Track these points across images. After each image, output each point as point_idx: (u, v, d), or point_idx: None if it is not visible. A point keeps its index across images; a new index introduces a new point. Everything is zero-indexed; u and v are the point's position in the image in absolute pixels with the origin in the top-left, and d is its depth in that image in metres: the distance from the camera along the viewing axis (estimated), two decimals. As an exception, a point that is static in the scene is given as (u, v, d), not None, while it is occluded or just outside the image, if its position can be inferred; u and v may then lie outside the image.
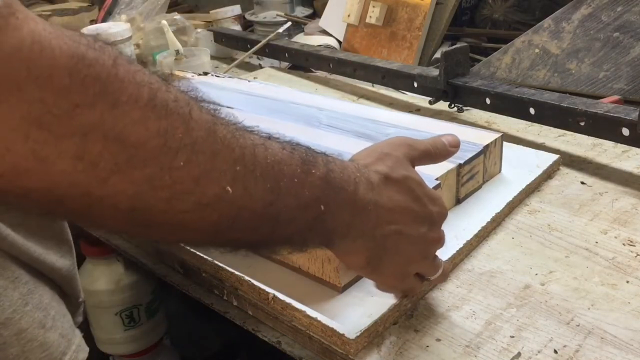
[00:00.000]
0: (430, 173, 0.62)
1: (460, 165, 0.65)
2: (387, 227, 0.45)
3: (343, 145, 0.70)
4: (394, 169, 0.46)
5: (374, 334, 0.50)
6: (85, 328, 0.55)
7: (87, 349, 0.49)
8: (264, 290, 0.55)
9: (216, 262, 0.59)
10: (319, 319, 0.50)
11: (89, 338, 0.62)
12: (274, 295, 0.54)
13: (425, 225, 0.47)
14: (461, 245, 0.59)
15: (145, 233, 0.37)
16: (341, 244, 0.44)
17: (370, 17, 1.26)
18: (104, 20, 1.51)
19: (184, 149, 0.33)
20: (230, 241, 0.40)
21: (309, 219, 0.41)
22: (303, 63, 1.20)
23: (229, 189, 0.35)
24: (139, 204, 0.33)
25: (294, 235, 0.41)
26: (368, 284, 0.54)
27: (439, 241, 0.50)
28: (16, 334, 0.42)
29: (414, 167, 0.49)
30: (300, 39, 1.37)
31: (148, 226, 0.35)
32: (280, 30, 1.31)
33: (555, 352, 0.48)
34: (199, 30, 1.44)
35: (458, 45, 0.96)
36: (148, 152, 0.32)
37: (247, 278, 0.56)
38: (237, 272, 0.57)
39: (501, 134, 0.71)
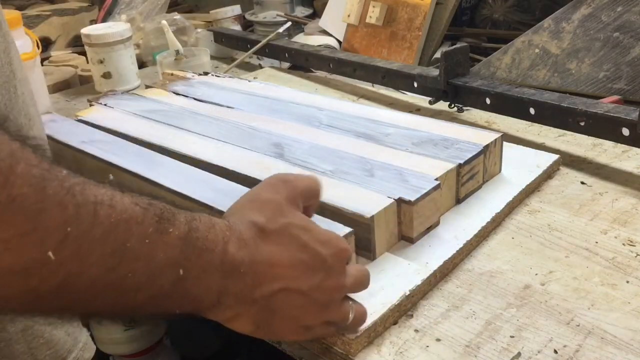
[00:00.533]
0: (430, 173, 0.62)
1: (460, 165, 0.65)
2: (270, 286, 0.41)
3: (343, 145, 0.70)
4: (271, 219, 0.42)
5: (374, 334, 0.50)
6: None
7: (93, 347, 0.49)
8: (264, 290, 0.54)
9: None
10: (319, 319, 0.50)
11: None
12: (274, 295, 0.54)
13: (318, 274, 0.42)
14: (461, 245, 0.59)
15: None
16: (216, 312, 0.40)
17: (370, 17, 1.26)
18: (104, 20, 1.51)
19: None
20: (60, 310, 0.34)
21: (164, 285, 0.35)
22: (303, 63, 1.20)
23: (51, 255, 0.30)
24: None
25: (147, 305, 0.36)
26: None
27: (340, 288, 0.44)
28: (22, 330, 0.42)
29: (299, 208, 0.45)
30: (300, 39, 1.37)
31: None
32: (280, 30, 1.31)
33: (555, 352, 0.48)
34: (199, 30, 1.44)
35: (458, 45, 0.96)
36: None
37: (247, 278, 0.56)
38: (237, 272, 0.57)
39: (501, 134, 0.71)
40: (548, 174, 0.74)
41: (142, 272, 0.34)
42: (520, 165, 0.74)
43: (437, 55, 1.19)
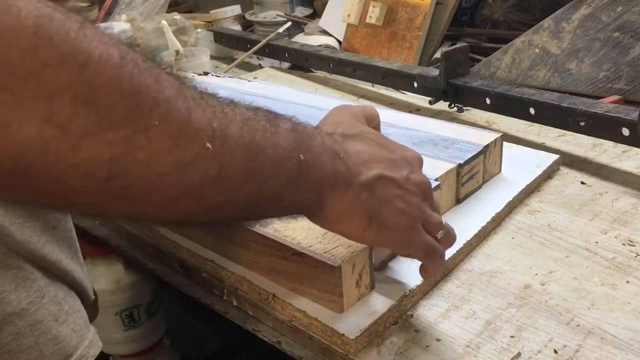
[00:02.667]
0: (430, 173, 0.62)
1: (460, 165, 0.65)
2: (367, 173, 0.44)
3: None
4: (348, 129, 0.47)
5: (374, 334, 0.50)
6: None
7: (100, 344, 0.49)
8: (264, 290, 0.55)
9: (216, 262, 0.59)
10: (319, 319, 0.50)
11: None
12: (274, 295, 0.54)
13: (404, 168, 0.46)
14: (461, 245, 0.59)
15: (125, 208, 0.34)
16: (332, 200, 0.42)
17: (370, 17, 1.26)
18: (104, 20, 1.51)
19: (157, 107, 0.32)
20: (215, 208, 0.37)
21: (292, 170, 0.40)
22: (303, 63, 1.20)
23: (209, 146, 0.34)
24: (117, 169, 0.31)
25: (282, 192, 0.40)
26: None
27: (427, 184, 0.48)
28: (31, 325, 0.42)
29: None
30: (300, 39, 1.37)
31: (128, 197, 0.33)
32: (280, 30, 1.31)
33: (555, 352, 0.48)
34: (199, 30, 1.44)
35: (458, 45, 0.96)
36: (121, 113, 0.30)
37: (247, 278, 0.56)
38: (237, 272, 0.57)
39: (501, 134, 0.71)
40: (548, 174, 0.74)
41: (274, 159, 0.38)
42: (520, 165, 0.74)
43: (437, 55, 1.19)
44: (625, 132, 0.70)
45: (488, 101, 0.85)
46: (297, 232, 0.54)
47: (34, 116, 0.28)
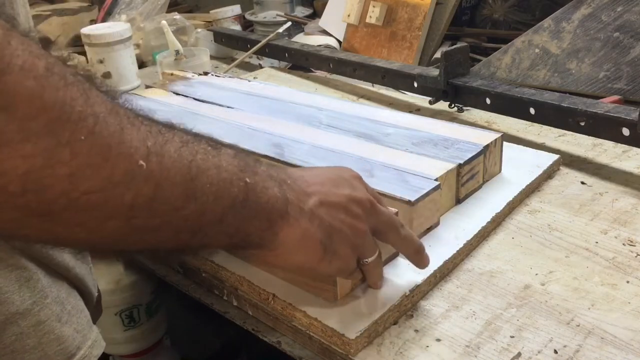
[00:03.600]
0: (430, 173, 0.62)
1: (460, 165, 0.65)
2: (313, 199, 0.44)
3: (343, 145, 0.70)
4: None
5: (374, 334, 0.50)
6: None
7: (103, 344, 0.49)
8: (264, 290, 0.55)
9: (216, 262, 0.59)
10: (319, 319, 0.50)
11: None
12: (274, 295, 0.54)
13: (345, 188, 0.46)
14: (461, 245, 0.59)
15: (45, 228, 0.32)
16: (286, 228, 0.42)
17: (370, 17, 1.26)
18: (104, 20, 1.51)
19: (84, 121, 0.31)
20: (150, 231, 0.35)
21: (237, 193, 0.38)
22: (303, 63, 1.20)
23: (142, 163, 0.33)
24: (32, 184, 0.29)
25: (226, 216, 0.38)
26: (368, 285, 0.54)
27: (369, 200, 0.47)
28: (34, 325, 0.42)
29: None
30: (300, 39, 1.37)
31: (46, 215, 0.31)
32: (280, 30, 1.31)
33: (556, 352, 0.48)
34: (199, 30, 1.44)
35: (458, 45, 0.96)
36: (42, 124, 0.29)
37: (247, 278, 0.56)
38: (237, 272, 0.57)
39: (501, 134, 0.71)
40: (548, 174, 0.74)
41: (217, 180, 0.37)
42: (520, 165, 0.74)
43: (437, 55, 1.19)
44: (625, 132, 0.70)
45: (488, 101, 0.85)
46: None
47: None
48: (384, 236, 0.49)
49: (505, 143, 0.73)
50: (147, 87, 1.01)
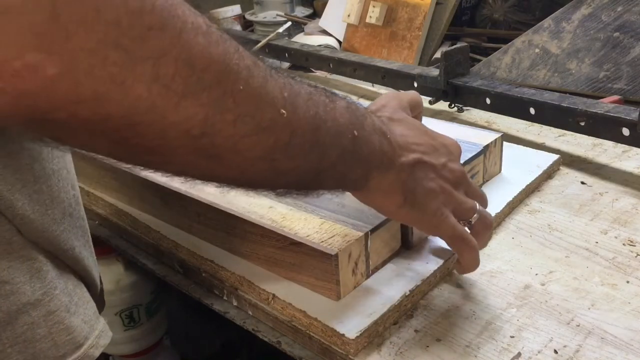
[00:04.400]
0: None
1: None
2: (408, 156, 0.48)
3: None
4: (394, 113, 0.51)
5: (374, 334, 0.50)
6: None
7: (110, 334, 0.50)
8: (264, 290, 0.55)
9: (216, 262, 0.59)
10: (319, 319, 0.50)
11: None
12: (274, 295, 0.54)
13: (443, 156, 0.50)
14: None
15: (211, 168, 0.38)
16: (377, 177, 0.46)
17: (370, 17, 1.26)
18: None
19: (240, 73, 0.35)
20: (284, 173, 0.41)
21: (347, 144, 0.43)
22: (303, 63, 1.20)
23: (283, 112, 0.38)
24: (209, 128, 0.34)
25: (338, 164, 0.43)
26: (368, 284, 0.54)
27: (463, 173, 0.52)
28: (44, 315, 0.43)
29: (409, 115, 0.53)
30: (300, 39, 1.37)
31: (214, 157, 0.36)
32: (280, 30, 1.31)
33: (556, 352, 0.48)
34: (199, 30, 1.44)
35: (458, 45, 0.96)
36: (213, 75, 0.33)
37: (247, 278, 0.56)
38: (237, 272, 0.57)
39: (501, 134, 0.71)
40: (548, 174, 0.74)
41: (333, 132, 0.42)
42: (520, 165, 0.74)
43: (437, 55, 1.19)
44: (625, 132, 0.70)
45: (488, 101, 0.85)
46: (295, 222, 0.55)
47: (143, 75, 0.30)
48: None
49: (505, 143, 0.73)
50: None
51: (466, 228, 0.52)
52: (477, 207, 0.52)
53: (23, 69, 0.27)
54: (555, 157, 0.76)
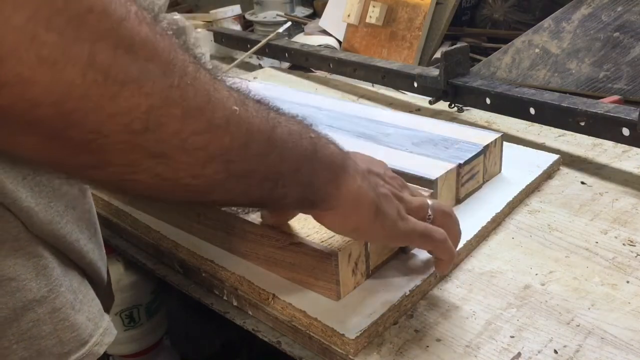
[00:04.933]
0: (430, 173, 0.62)
1: (460, 165, 0.65)
2: (362, 166, 0.48)
3: (343, 145, 0.70)
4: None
5: (374, 334, 0.50)
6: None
7: (114, 332, 0.50)
8: (264, 290, 0.55)
9: (216, 262, 0.59)
10: (319, 319, 0.50)
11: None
12: (274, 295, 0.54)
13: (380, 167, 0.52)
14: (461, 246, 0.59)
15: (157, 170, 0.34)
16: (347, 182, 0.45)
17: (370, 17, 1.26)
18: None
19: (187, 67, 0.34)
20: (242, 177, 0.39)
21: (307, 145, 0.42)
22: (303, 63, 1.20)
23: (236, 108, 0.37)
24: (153, 122, 0.32)
25: (300, 165, 0.42)
26: (368, 284, 0.54)
27: (401, 179, 0.53)
28: (50, 312, 0.43)
29: None
30: (300, 39, 1.37)
31: (160, 157, 0.33)
32: (280, 30, 1.31)
33: (556, 352, 0.48)
34: (198, 30, 1.44)
35: (458, 45, 0.96)
36: (157, 66, 0.32)
37: (247, 278, 0.56)
38: (237, 272, 0.57)
39: (501, 133, 0.71)
40: (548, 174, 0.74)
41: (290, 133, 0.41)
42: (520, 165, 0.74)
43: (437, 55, 1.19)
44: (625, 132, 0.70)
45: (488, 101, 0.85)
46: (294, 222, 0.55)
47: (77, 58, 0.28)
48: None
49: (505, 143, 0.73)
50: None
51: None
52: (428, 201, 0.52)
53: None
54: (555, 157, 0.76)
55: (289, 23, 1.42)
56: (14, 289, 0.41)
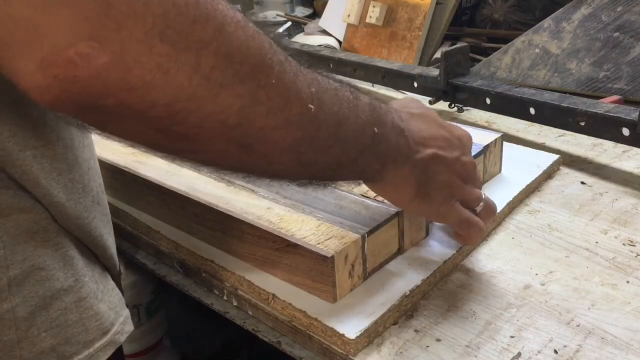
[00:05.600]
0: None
1: (460, 165, 0.65)
2: (425, 152, 0.50)
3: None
4: (413, 108, 0.54)
5: (374, 334, 0.50)
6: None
7: (132, 324, 0.51)
8: (264, 290, 0.55)
9: (216, 262, 0.59)
10: (319, 319, 0.50)
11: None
12: (274, 295, 0.54)
13: (456, 150, 0.53)
14: (461, 245, 0.59)
15: (241, 157, 0.40)
16: (392, 171, 0.49)
17: (370, 17, 1.26)
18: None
19: (273, 67, 0.37)
20: (308, 165, 0.43)
21: (367, 140, 0.46)
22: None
23: (311, 107, 0.40)
24: (243, 120, 0.36)
25: (358, 158, 0.46)
26: (367, 285, 0.54)
27: (473, 165, 0.55)
28: (76, 302, 0.45)
29: None
30: (300, 39, 1.37)
31: (246, 147, 0.39)
32: (280, 30, 1.31)
33: (556, 352, 0.48)
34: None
35: (458, 45, 0.96)
36: (249, 68, 0.36)
37: (247, 278, 0.56)
38: (237, 272, 0.57)
39: (501, 133, 0.71)
40: (548, 174, 0.74)
41: (354, 128, 0.45)
42: (520, 165, 0.74)
43: (437, 55, 1.19)
44: (625, 132, 0.70)
45: (488, 101, 0.85)
46: (292, 224, 0.55)
47: (185, 65, 0.33)
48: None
49: (505, 143, 0.73)
50: None
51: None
52: (482, 196, 0.55)
53: (76, 57, 0.30)
54: (555, 157, 0.76)
55: (289, 23, 1.42)
56: (43, 278, 0.43)
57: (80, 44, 0.29)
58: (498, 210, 0.65)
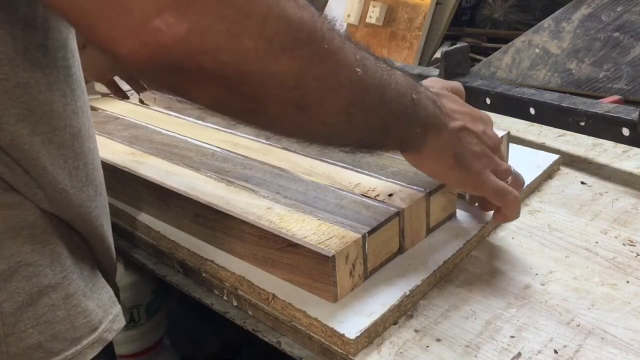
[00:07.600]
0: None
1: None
2: (455, 123, 0.53)
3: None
4: (439, 90, 0.56)
5: (374, 334, 0.50)
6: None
7: (123, 321, 0.51)
8: (264, 290, 0.55)
9: (216, 262, 0.59)
10: (319, 319, 0.50)
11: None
12: (274, 295, 0.54)
13: (481, 124, 0.56)
14: (461, 246, 0.59)
15: (297, 119, 0.43)
16: (432, 138, 0.51)
17: (370, 17, 1.26)
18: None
19: (324, 34, 0.40)
20: (359, 127, 0.47)
21: (407, 104, 0.48)
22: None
23: (358, 70, 0.43)
24: (300, 81, 0.40)
25: (401, 121, 0.48)
26: (367, 285, 0.54)
27: (498, 139, 0.57)
28: (63, 298, 0.45)
29: None
30: (300, 39, 1.36)
31: (303, 108, 0.42)
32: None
33: (556, 352, 0.48)
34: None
35: (458, 45, 0.96)
36: (305, 35, 0.39)
37: (247, 278, 0.56)
38: (237, 272, 0.57)
39: (507, 131, 0.70)
40: (548, 174, 0.74)
41: (395, 93, 0.47)
42: (520, 165, 0.73)
43: (437, 55, 1.19)
44: (625, 132, 0.70)
45: (488, 101, 0.85)
46: (292, 224, 0.55)
47: (251, 30, 0.36)
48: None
49: (505, 143, 0.73)
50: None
51: None
52: (512, 169, 0.58)
53: (163, 26, 0.34)
54: (555, 157, 0.76)
55: (289, 23, 1.41)
56: (30, 274, 0.43)
57: (165, 14, 0.34)
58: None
